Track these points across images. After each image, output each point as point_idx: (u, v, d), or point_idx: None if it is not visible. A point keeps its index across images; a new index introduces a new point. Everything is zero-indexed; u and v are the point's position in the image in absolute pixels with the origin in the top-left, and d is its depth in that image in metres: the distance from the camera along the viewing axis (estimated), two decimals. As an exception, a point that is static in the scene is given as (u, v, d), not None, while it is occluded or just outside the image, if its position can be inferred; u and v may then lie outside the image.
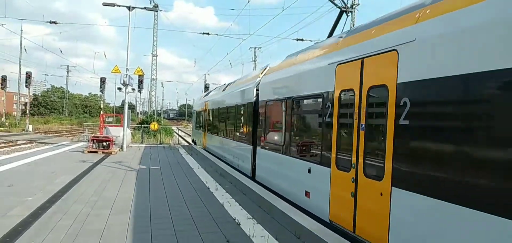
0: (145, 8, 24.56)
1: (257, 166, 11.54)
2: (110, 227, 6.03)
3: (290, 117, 9.05)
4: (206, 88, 45.50)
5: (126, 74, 19.92)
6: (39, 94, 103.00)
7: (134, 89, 22.25)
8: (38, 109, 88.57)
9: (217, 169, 13.56)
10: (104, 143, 18.22)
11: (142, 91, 26.37)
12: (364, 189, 5.71)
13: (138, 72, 22.92)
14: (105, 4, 20.27)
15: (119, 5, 20.46)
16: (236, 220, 6.69)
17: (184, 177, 11.54)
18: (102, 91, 33.50)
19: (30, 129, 40.67)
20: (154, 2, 42.18)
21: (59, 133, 40.85)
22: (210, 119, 22.46)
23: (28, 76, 35.98)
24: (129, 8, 20.47)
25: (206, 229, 6.14)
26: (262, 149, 11.10)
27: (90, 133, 27.95)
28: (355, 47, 6.39)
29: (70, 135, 37.05)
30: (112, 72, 21.31)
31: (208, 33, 35.69)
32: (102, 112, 34.89)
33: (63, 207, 7.16)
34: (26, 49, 57.78)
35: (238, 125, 14.93)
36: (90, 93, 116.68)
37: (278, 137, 10.05)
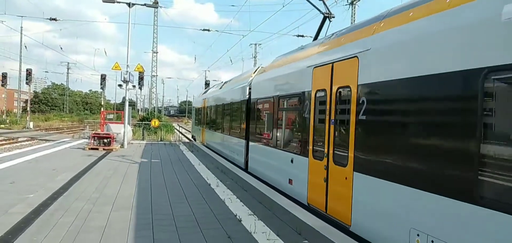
0: (145, 4, 24.41)
1: (249, 159, 12.45)
2: (112, 224, 6.05)
3: (277, 113, 10.01)
4: (207, 84, 45.46)
5: (127, 71, 19.92)
6: (40, 91, 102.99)
7: (134, 86, 22.32)
8: (39, 106, 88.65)
9: (218, 165, 13.58)
10: (105, 140, 18.26)
11: (142, 88, 26.38)
12: (333, 175, 6.69)
13: (138, 69, 22.91)
14: (105, 0, 20.19)
15: (119, 2, 20.35)
16: (237, 216, 6.71)
17: (185, 174, 11.56)
18: (102, 88, 33.46)
19: (31, 126, 40.67)
20: (154, -1, 41.99)
21: (60, 130, 40.88)
22: (208, 116, 23.20)
23: (28, 73, 35.83)
24: (129, 4, 20.39)
25: (207, 225, 6.16)
26: (253, 143, 12.08)
27: (91, 130, 28.00)
28: (328, 53, 7.37)
29: (71, 132, 37.10)
30: (112, 69, 21.29)
31: (208, 30, 35.31)
32: (102, 109, 34.89)
33: (65, 204, 7.18)
34: (26, 46, 57.86)
35: (233, 121, 15.72)
36: (90, 90, 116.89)
37: (267, 132, 10.98)
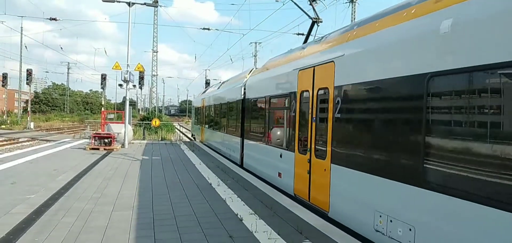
0: (145, 3, 24.31)
1: (244, 155, 13.24)
2: (113, 224, 6.06)
3: (268, 112, 10.79)
4: (207, 83, 45.41)
5: (127, 71, 19.90)
6: (40, 91, 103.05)
7: (135, 86, 22.24)
8: (39, 106, 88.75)
9: (218, 164, 13.58)
10: (105, 140, 18.28)
11: (143, 88, 26.31)
12: (315, 167, 7.41)
13: (138, 68, 22.90)
14: (105, 0, 20.20)
15: (119, 1, 20.34)
16: (238, 215, 6.71)
17: (186, 173, 11.56)
18: (103, 88, 33.41)
19: (32, 126, 40.69)
20: (154, -2, 41.83)
21: (61, 130, 40.92)
22: (206, 115, 23.99)
23: (29, 73, 35.73)
24: (129, 4, 20.39)
25: (208, 225, 6.17)
26: (248, 140, 12.85)
27: (92, 130, 28.01)
28: (310, 57, 8.08)
29: (71, 132, 37.11)
30: (113, 68, 21.30)
31: (208, 29, 35.16)
32: (103, 109, 34.89)
33: (66, 204, 7.20)
34: (26, 46, 57.85)
35: (229, 120, 16.43)
36: (91, 90, 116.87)
37: (260, 130, 11.67)
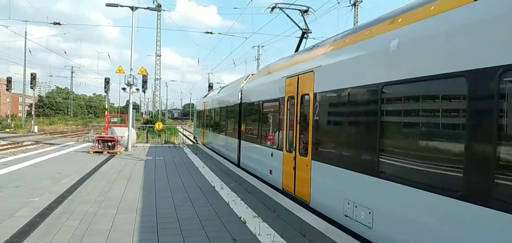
0: (148, 8, 24.52)
1: (241, 156, 14.37)
2: (117, 227, 6.07)
3: (261, 115, 11.85)
4: (210, 87, 45.50)
5: (130, 74, 19.99)
6: (44, 95, 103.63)
7: (138, 89, 22.31)
8: (43, 110, 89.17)
9: (222, 168, 13.59)
10: (109, 143, 18.33)
11: (146, 91, 26.51)
12: (299, 163, 8.42)
13: (142, 72, 23.02)
14: (108, 4, 20.29)
15: (122, 6, 20.48)
16: (241, 218, 6.71)
17: (189, 176, 11.57)
18: (106, 92, 33.61)
19: (36, 130, 40.85)
20: (157, 2, 41.78)
21: (65, 134, 41.06)
22: (207, 119, 25.10)
23: (33, 77, 35.94)
24: (132, 8, 20.51)
25: (212, 228, 6.17)
26: (244, 142, 13.95)
27: (95, 134, 28.09)
28: (295, 67, 9.06)
29: (75, 135, 37.24)
30: (116, 72, 21.41)
31: (211, 32, 35.39)
32: (106, 112, 35.03)
33: (70, 207, 7.22)
34: (30, 51, 58.07)
35: (228, 123, 17.46)
36: (94, 94, 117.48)
37: (254, 132, 12.69)
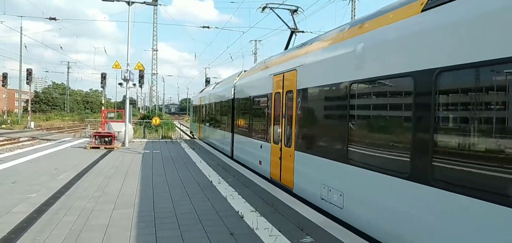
0: (144, 2, 24.26)
1: (234, 148, 15.11)
2: (114, 222, 6.07)
3: (252, 110, 12.63)
4: (207, 82, 45.36)
5: (127, 70, 19.88)
6: (41, 91, 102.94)
7: (135, 84, 22.19)
8: (40, 105, 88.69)
9: (219, 162, 13.60)
10: (106, 138, 18.28)
11: (143, 86, 26.25)
12: (284, 154, 9.18)
13: (138, 67, 22.84)
14: (104, -1, 20.16)
15: (119, 0, 20.35)
16: (239, 212, 6.72)
17: (187, 171, 11.57)
18: (103, 87, 33.33)
19: (32, 126, 40.68)
20: (153, -4, 41.52)
21: (61, 130, 40.92)
22: (203, 113, 25.79)
23: (29, 73, 35.60)
24: (128, 2, 20.34)
25: (209, 222, 6.18)
26: (237, 135, 14.74)
27: (92, 129, 28.01)
28: (282, 65, 9.82)
29: (72, 131, 37.11)
30: (112, 67, 21.27)
31: (208, 27, 34.98)
32: (103, 107, 34.87)
33: (67, 203, 7.21)
34: (26, 46, 57.77)
35: (222, 117, 18.16)
36: (91, 89, 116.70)
37: (246, 125, 13.39)
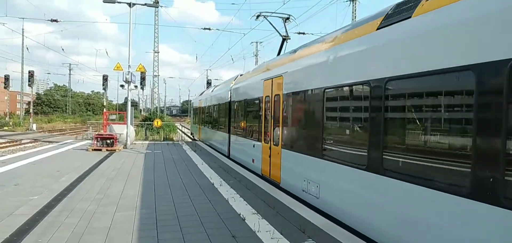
0: (145, 4, 24.32)
1: (230, 148, 16.04)
2: (116, 224, 6.08)
3: (247, 112, 13.66)
4: (208, 83, 45.41)
5: (128, 72, 19.93)
6: (42, 93, 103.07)
7: (136, 86, 22.27)
8: (42, 107, 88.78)
9: (221, 164, 13.60)
10: (108, 140, 18.30)
11: (144, 88, 26.40)
12: (273, 152, 10.15)
13: (140, 69, 22.96)
14: (105, 0, 20.19)
15: (120, 2, 20.35)
16: (241, 215, 6.72)
17: (188, 173, 11.58)
18: (104, 89, 33.53)
19: (34, 128, 40.80)
20: (154, -2, 41.58)
21: (63, 132, 41.02)
22: (202, 115, 26.77)
23: (30, 75, 35.73)
24: (129, 4, 20.41)
25: (211, 225, 6.18)
26: (233, 135, 15.74)
27: (94, 131, 28.05)
28: (271, 71, 10.76)
29: (74, 133, 37.19)
30: (114, 69, 21.32)
31: (209, 29, 35.01)
32: (105, 109, 34.95)
33: (69, 205, 7.22)
34: (28, 48, 58.05)
35: (220, 119, 19.15)
36: (92, 91, 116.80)
37: (241, 126, 14.35)
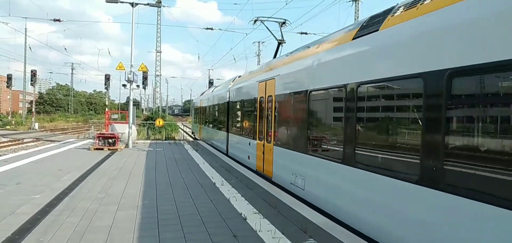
0: (148, 4, 24.35)
1: (229, 146, 16.86)
2: (118, 223, 6.09)
3: (243, 112, 14.46)
4: (210, 83, 45.43)
5: (131, 71, 19.97)
6: (45, 92, 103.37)
7: (138, 86, 22.28)
8: (44, 107, 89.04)
9: (222, 164, 13.60)
10: (110, 140, 18.34)
11: (146, 88, 26.45)
12: (266, 149, 10.86)
13: (142, 68, 22.97)
14: (108, 0, 20.24)
15: (122, 1, 20.40)
16: (242, 215, 6.72)
17: (190, 173, 11.59)
18: (107, 88, 33.49)
19: (36, 127, 40.90)
20: (157, -2, 41.59)
21: (65, 131, 41.13)
22: (202, 115, 27.67)
23: (33, 74, 35.84)
24: (132, 4, 20.45)
25: (212, 224, 6.18)
26: (231, 134, 16.47)
27: (96, 130, 28.12)
28: (265, 74, 11.57)
29: (76, 132, 37.28)
30: (116, 69, 21.36)
31: (211, 28, 35.05)
32: (107, 109, 35.02)
33: (71, 204, 7.24)
34: (30, 47, 58.28)
35: (219, 118, 19.93)
36: (95, 90, 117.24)
37: (238, 125, 15.21)
